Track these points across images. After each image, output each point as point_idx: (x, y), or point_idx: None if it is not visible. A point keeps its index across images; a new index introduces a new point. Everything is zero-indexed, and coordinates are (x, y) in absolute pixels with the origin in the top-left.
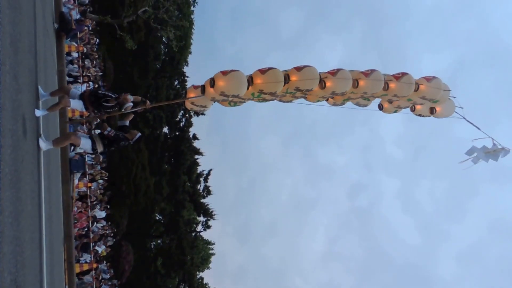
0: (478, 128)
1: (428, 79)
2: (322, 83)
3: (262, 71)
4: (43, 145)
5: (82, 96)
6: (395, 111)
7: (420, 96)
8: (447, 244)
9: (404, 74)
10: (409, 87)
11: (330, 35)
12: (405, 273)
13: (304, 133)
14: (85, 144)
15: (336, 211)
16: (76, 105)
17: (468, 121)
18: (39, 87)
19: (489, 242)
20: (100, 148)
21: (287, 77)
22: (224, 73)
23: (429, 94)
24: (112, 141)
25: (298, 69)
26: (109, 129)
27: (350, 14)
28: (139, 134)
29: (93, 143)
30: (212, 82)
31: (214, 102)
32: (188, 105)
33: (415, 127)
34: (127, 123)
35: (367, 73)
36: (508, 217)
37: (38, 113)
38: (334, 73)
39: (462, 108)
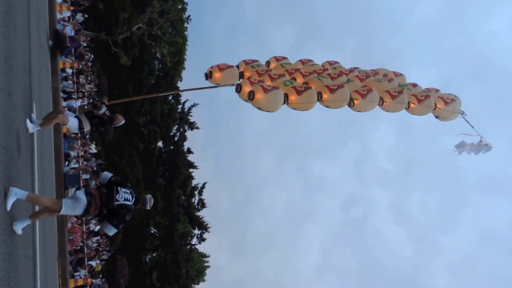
0: (472, 127)
1: (447, 102)
2: (351, 102)
3: (298, 91)
4: (30, 126)
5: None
6: None
7: (434, 115)
8: (439, 254)
9: (427, 97)
10: (428, 109)
11: (322, 52)
12: (398, 283)
13: (298, 146)
14: (72, 123)
15: (330, 223)
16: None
17: (466, 120)
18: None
19: (480, 252)
20: (87, 127)
21: (319, 95)
22: (265, 90)
23: (442, 115)
24: (103, 122)
25: (332, 90)
26: (104, 109)
27: (341, 31)
28: (124, 121)
29: (80, 122)
30: (251, 95)
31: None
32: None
33: (406, 140)
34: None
35: (394, 96)
36: (499, 228)
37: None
38: (364, 95)
39: (463, 112)
